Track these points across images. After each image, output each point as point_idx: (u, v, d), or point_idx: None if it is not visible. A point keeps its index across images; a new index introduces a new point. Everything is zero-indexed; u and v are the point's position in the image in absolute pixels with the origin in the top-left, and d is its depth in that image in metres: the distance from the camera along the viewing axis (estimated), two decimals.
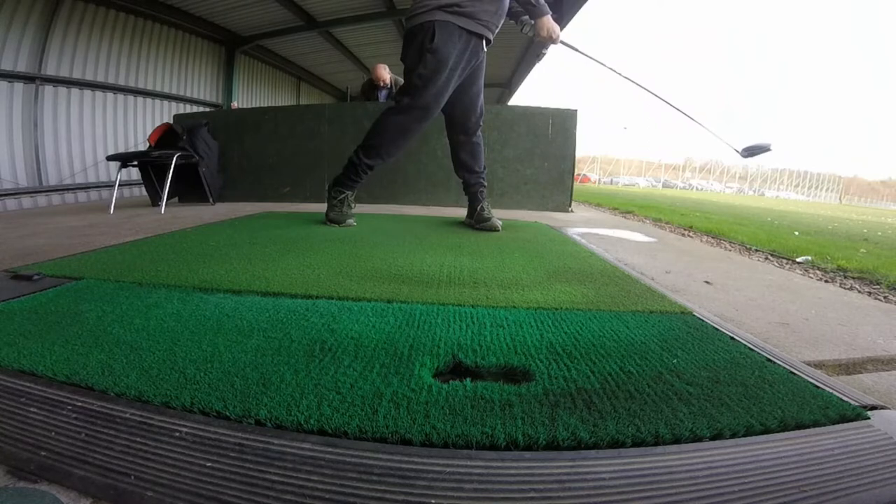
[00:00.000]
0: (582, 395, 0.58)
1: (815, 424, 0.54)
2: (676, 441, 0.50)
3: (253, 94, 7.65)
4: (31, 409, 0.51)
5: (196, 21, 5.82)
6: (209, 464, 0.43)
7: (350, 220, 2.07)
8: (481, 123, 2.13)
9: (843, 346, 0.88)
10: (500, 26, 1.94)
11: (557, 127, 3.29)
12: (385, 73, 4.27)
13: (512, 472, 0.44)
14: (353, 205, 2.09)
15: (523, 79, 9.78)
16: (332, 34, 7.01)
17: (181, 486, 0.41)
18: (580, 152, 4.57)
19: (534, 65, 8.40)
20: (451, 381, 0.61)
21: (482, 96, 2.09)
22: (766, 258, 2.30)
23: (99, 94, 4.79)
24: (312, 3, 5.92)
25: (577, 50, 2.15)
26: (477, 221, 2.13)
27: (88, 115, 4.68)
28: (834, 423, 0.54)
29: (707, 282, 1.38)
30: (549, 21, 1.89)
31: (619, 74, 2.28)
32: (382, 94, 4.31)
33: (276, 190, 3.50)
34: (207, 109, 6.18)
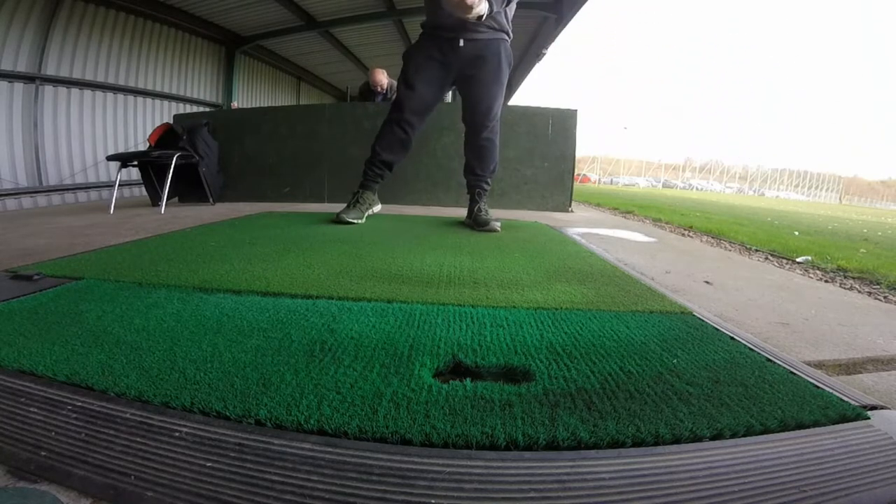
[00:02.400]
0: (582, 395, 0.58)
1: (815, 424, 0.54)
2: (676, 441, 0.50)
3: (253, 94, 7.65)
4: (31, 409, 0.51)
5: (196, 21, 5.82)
6: (209, 464, 0.43)
7: (350, 218, 2.09)
8: (488, 124, 2.10)
9: (843, 346, 0.88)
10: (466, 23, 1.88)
11: (557, 127, 3.29)
12: (382, 78, 4.25)
13: (512, 472, 0.44)
14: (369, 203, 2.21)
15: (523, 79, 9.77)
16: (332, 34, 7.00)
17: (181, 486, 0.41)
18: (580, 152, 4.57)
19: (534, 65, 8.39)
20: (451, 381, 0.61)
21: (489, 97, 2.07)
22: (766, 258, 2.30)
23: (99, 94, 4.79)
24: (312, 3, 5.92)
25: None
26: (475, 223, 2.13)
27: (88, 115, 4.68)
28: (834, 423, 0.54)
29: (707, 282, 1.38)
30: None
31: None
32: (378, 100, 4.30)
33: (276, 190, 3.50)
34: (207, 109, 6.18)
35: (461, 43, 1.96)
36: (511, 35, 2.10)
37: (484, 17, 1.79)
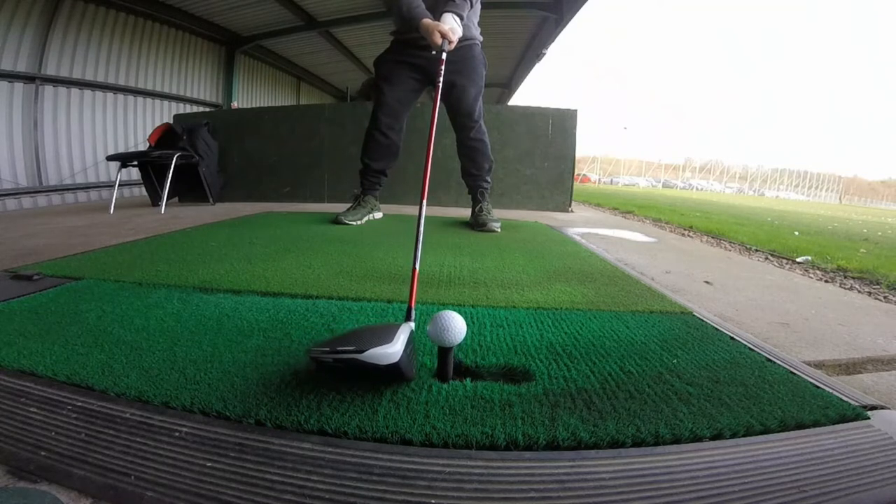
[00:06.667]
0: (582, 395, 0.58)
1: (815, 424, 0.54)
2: (676, 441, 0.50)
3: (253, 94, 7.64)
4: (31, 409, 0.51)
5: (196, 21, 5.81)
6: (209, 464, 0.43)
7: (350, 220, 2.11)
8: (472, 125, 2.11)
9: (843, 346, 0.88)
10: (410, 28, 1.90)
11: (557, 127, 3.29)
12: None
13: (512, 472, 0.44)
14: (369, 206, 2.24)
15: (523, 79, 9.77)
16: (332, 34, 7.00)
17: (181, 486, 0.41)
18: (580, 152, 4.57)
19: (534, 65, 8.39)
20: (451, 381, 0.61)
21: (468, 100, 2.06)
22: (766, 258, 2.30)
23: (99, 94, 4.79)
24: (312, 3, 5.92)
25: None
26: (475, 223, 2.14)
27: (88, 115, 4.68)
28: (834, 423, 0.54)
29: (707, 282, 1.38)
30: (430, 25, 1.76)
31: None
32: None
33: (276, 190, 3.50)
34: (207, 109, 6.18)
35: (434, 52, 1.95)
36: (481, 38, 2.11)
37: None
